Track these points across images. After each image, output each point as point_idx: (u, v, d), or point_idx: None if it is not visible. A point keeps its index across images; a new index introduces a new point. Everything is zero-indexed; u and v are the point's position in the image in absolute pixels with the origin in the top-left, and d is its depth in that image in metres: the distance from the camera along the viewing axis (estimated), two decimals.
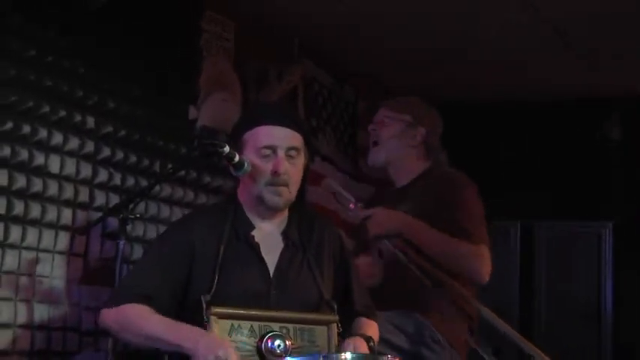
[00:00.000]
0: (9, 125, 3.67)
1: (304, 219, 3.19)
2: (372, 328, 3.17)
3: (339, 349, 2.90)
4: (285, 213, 3.15)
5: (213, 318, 2.82)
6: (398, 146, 4.08)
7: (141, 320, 2.88)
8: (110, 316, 2.94)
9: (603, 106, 6.44)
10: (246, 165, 2.98)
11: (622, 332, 6.14)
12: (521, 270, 6.51)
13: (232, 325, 2.85)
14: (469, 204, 3.93)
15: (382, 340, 3.26)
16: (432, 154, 4.10)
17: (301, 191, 3.20)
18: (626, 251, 6.27)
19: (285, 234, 3.11)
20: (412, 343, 3.70)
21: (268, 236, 3.08)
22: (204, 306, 2.83)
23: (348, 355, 2.48)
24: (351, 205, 4.04)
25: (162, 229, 4.29)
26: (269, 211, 3.07)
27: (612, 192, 6.40)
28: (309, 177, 3.25)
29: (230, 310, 2.86)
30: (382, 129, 4.11)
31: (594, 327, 6.23)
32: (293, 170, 3.05)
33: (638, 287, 5.94)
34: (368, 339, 3.01)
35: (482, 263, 3.82)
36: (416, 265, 3.79)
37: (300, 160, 3.09)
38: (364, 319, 3.19)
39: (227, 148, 2.95)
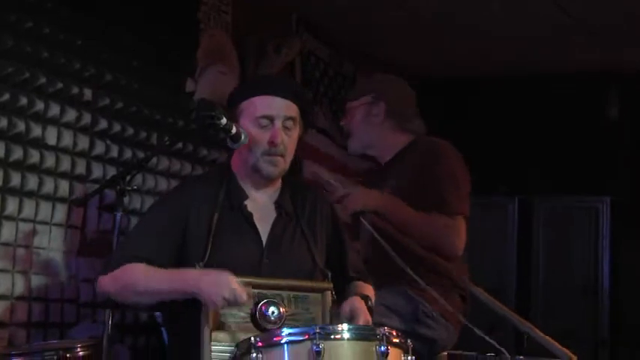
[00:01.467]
0: (6, 97, 3.67)
1: (297, 189, 3.20)
2: (367, 289, 3.18)
3: (337, 311, 2.92)
4: (279, 183, 3.16)
5: None
6: (366, 129, 4.08)
7: (139, 276, 2.90)
8: (107, 281, 2.95)
9: (603, 82, 6.44)
10: (243, 137, 2.99)
11: (619, 307, 6.16)
12: (519, 245, 6.51)
13: None
14: (452, 174, 3.92)
15: (374, 324, 3.27)
16: (405, 124, 4.09)
17: (293, 161, 3.21)
18: (623, 226, 6.28)
19: (277, 203, 3.12)
20: (406, 322, 3.71)
21: (261, 206, 3.09)
22: None
23: (345, 326, 2.48)
24: (331, 185, 4.06)
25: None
26: (263, 180, 3.08)
27: (610, 167, 6.41)
28: (307, 151, 3.26)
29: None
30: (350, 120, 4.12)
31: (592, 301, 6.25)
32: (288, 141, 3.05)
33: (636, 262, 5.95)
34: (365, 298, 3.03)
35: (456, 237, 3.83)
36: (392, 246, 3.81)
37: (296, 131, 3.10)
38: (359, 282, 3.20)
39: (224, 120, 2.94)
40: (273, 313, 2.82)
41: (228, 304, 2.74)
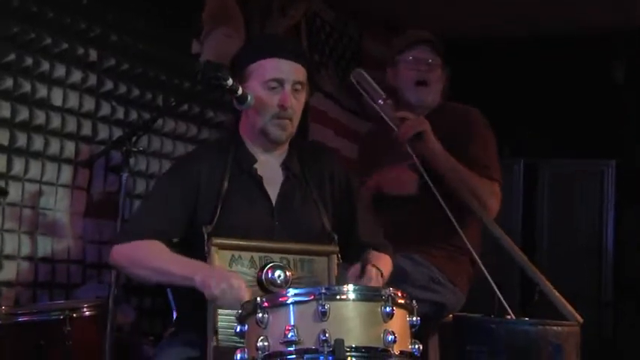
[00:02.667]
0: (11, 57, 3.66)
1: (305, 150, 3.18)
2: (383, 261, 3.13)
3: (344, 272, 2.91)
4: (286, 146, 3.14)
5: (213, 249, 2.81)
6: (439, 89, 4.08)
7: (153, 256, 2.88)
8: (122, 253, 2.93)
9: (609, 45, 6.39)
10: (249, 98, 2.96)
11: (623, 268, 6.17)
12: (524, 207, 6.51)
13: (233, 255, 2.84)
14: (486, 139, 3.95)
15: None
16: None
17: (301, 124, 3.19)
18: (628, 189, 6.27)
19: (285, 165, 3.09)
20: (414, 289, 3.70)
21: (270, 169, 3.07)
22: (205, 237, 2.83)
23: (350, 286, 2.46)
24: (380, 101, 4.03)
25: (165, 163, 4.31)
26: (272, 144, 3.06)
27: (616, 131, 6.38)
28: (314, 114, 3.24)
29: (230, 241, 2.86)
30: (430, 71, 4.08)
31: (595, 262, 6.25)
32: (297, 105, 3.03)
33: (637, 223, 5.94)
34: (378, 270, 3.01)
35: (495, 201, 3.89)
36: (434, 185, 3.81)
37: (304, 95, 3.06)
38: (374, 252, 3.17)
39: (230, 81, 2.92)
40: (279, 276, 2.82)
41: (229, 298, 2.69)
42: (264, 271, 2.83)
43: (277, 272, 2.83)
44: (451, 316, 4.00)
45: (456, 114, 4.03)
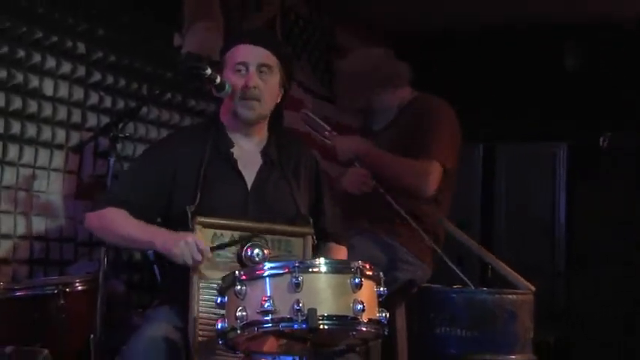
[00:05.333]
0: (4, 49, 3.63)
1: (283, 140, 3.17)
2: (341, 253, 3.17)
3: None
4: (265, 133, 3.13)
5: (197, 227, 2.81)
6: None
7: (118, 223, 2.91)
8: (93, 219, 2.99)
9: (561, 36, 6.40)
10: (227, 87, 2.96)
11: (573, 241, 6.20)
12: (483, 187, 6.54)
13: (215, 233, 2.85)
14: (437, 124, 3.93)
15: None
16: None
17: (279, 113, 3.18)
18: (578, 169, 6.29)
19: (264, 152, 3.09)
20: (383, 270, 3.73)
21: (247, 153, 3.06)
22: (189, 216, 2.82)
23: (322, 260, 2.47)
24: (326, 133, 4.06)
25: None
26: (245, 125, 3.05)
27: (567, 116, 6.40)
28: (288, 102, 3.23)
29: (213, 220, 2.86)
30: None
31: (549, 236, 6.29)
32: (264, 86, 3.00)
33: (590, 202, 5.96)
34: None
35: (423, 179, 3.81)
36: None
37: (273, 78, 3.04)
38: (334, 245, 3.18)
39: (209, 71, 2.92)
40: (257, 254, 2.82)
41: (188, 254, 2.72)
42: (244, 249, 2.84)
43: (256, 250, 2.83)
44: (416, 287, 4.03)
45: (421, 106, 4.02)
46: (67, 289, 3.26)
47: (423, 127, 3.89)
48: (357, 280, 2.42)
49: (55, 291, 3.23)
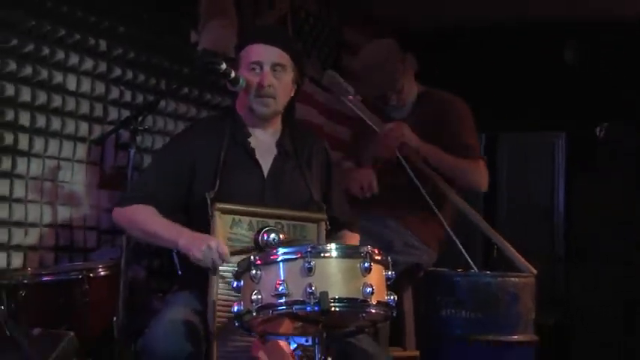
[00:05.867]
0: (30, 47, 3.63)
1: (296, 131, 3.19)
2: (354, 240, 3.18)
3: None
4: (279, 125, 3.14)
5: (217, 213, 2.83)
6: None
7: (145, 220, 2.92)
8: (120, 215, 3.00)
9: (561, 31, 6.38)
10: (241, 81, 2.97)
11: (572, 229, 6.18)
12: None
13: (234, 219, 2.86)
14: (470, 124, 4.01)
15: None
16: None
17: (292, 106, 3.19)
18: (576, 158, 6.27)
19: (279, 143, 3.10)
20: (391, 254, 3.74)
21: (263, 144, 3.08)
22: (209, 202, 2.83)
23: (333, 245, 2.48)
24: (350, 97, 4.05)
25: (168, 140, 4.28)
26: (260, 120, 3.07)
27: (566, 107, 6.38)
28: (300, 96, 3.24)
29: (232, 206, 2.87)
30: None
31: (548, 223, 6.27)
32: (278, 84, 3.02)
33: (587, 190, 5.94)
34: None
35: (482, 176, 3.98)
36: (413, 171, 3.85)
37: (287, 76, 3.05)
38: (347, 232, 3.19)
39: (224, 66, 2.93)
40: (274, 239, 2.83)
41: (209, 258, 2.72)
42: (261, 233, 2.85)
43: (272, 235, 2.84)
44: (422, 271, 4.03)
45: (443, 102, 4.05)
46: (91, 275, 3.27)
47: (457, 126, 3.98)
48: (366, 265, 2.42)
49: (80, 276, 3.24)
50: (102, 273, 3.31)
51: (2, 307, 3.22)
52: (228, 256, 2.74)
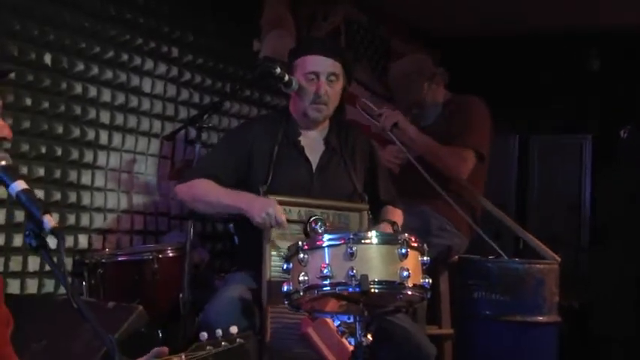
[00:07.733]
0: (110, 54, 3.64)
1: (342, 129, 3.16)
2: (396, 215, 3.13)
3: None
4: (327, 123, 3.12)
5: None
6: None
7: (207, 190, 2.92)
8: (183, 190, 3.00)
9: (586, 40, 6.27)
10: (294, 84, 2.96)
11: (597, 219, 6.09)
12: (519, 173, 6.44)
13: (284, 209, 2.83)
14: (472, 117, 3.90)
15: None
16: None
17: (340, 107, 3.17)
18: (601, 157, 6.18)
19: (326, 139, 3.08)
20: (423, 236, 3.67)
21: (312, 141, 3.07)
22: (261, 194, 2.83)
23: (373, 232, 2.43)
24: (377, 115, 4.01)
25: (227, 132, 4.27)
26: (312, 123, 3.06)
27: (592, 111, 6.30)
28: (347, 98, 3.23)
29: (283, 198, 2.85)
30: None
31: (576, 215, 6.17)
32: (332, 92, 3.01)
33: (609, 185, 5.85)
34: (392, 223, 3.00)
35: (459, 162, 3.78)
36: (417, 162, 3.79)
37: (339, 84, 3.05)
38: (390, 208, 3.15)
39: (279, 70, 2.92)
40: (320, 227, 2.84)
41: (268, 223, 2.73)
42: (309, 222, 2.84)
43: (319, 223, 2.83)
44: (457, 257, 3.97)
45: (461, 103, 3.98)
46: (161, 256, 3.27)
47: (461, 119, 3.86)
48: (403, 251, 2.37)
49: (151, 257, 3.24)
50: (170, 254, 3.31)
51: (84, 283, 3.25)
52: (285, 223, 2.74)
